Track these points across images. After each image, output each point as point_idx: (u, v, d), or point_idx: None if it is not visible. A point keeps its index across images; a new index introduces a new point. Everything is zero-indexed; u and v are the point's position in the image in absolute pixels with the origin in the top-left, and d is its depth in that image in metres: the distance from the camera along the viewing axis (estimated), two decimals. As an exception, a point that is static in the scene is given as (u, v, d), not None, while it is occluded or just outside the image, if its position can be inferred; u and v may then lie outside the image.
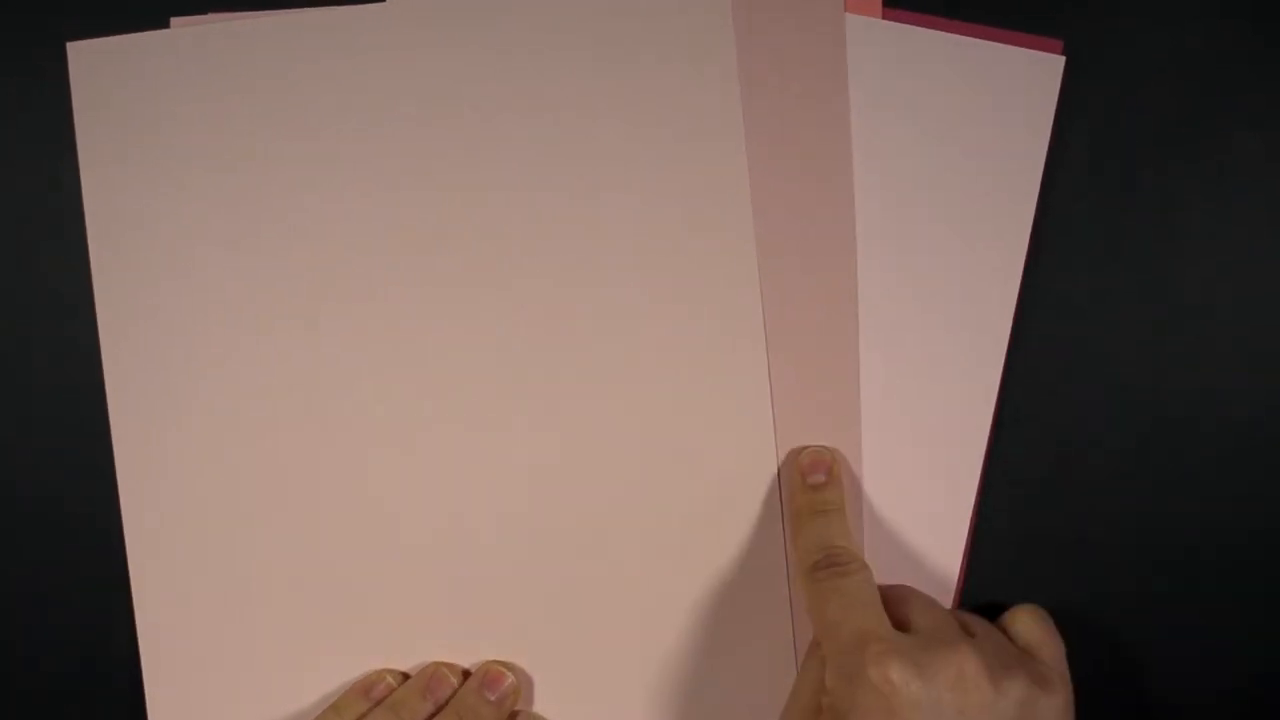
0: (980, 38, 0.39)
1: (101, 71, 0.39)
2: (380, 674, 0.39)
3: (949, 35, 0.39)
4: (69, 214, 0.40)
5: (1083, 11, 0.40)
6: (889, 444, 0.40)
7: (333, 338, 0.40)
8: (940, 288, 0.40)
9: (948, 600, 0.40)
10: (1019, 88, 0.39)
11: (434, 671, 0.39)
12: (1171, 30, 0.40)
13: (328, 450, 0.40)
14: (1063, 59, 0.39)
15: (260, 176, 0.40)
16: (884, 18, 0.40)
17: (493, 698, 0.39)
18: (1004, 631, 0.38)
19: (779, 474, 0.40)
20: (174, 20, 0.40)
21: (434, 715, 0.38)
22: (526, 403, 0.40)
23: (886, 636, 0.34)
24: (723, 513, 0.40)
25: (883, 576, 0.40)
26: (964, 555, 0.40)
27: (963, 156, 0.40)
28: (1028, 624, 0.38)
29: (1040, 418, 0.40)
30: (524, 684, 0.40)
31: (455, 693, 0.39)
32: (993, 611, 0.39)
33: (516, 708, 0.40)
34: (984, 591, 0.40)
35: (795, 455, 0.39)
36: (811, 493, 0.38)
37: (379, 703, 0.39)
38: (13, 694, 0.41)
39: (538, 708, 0.40)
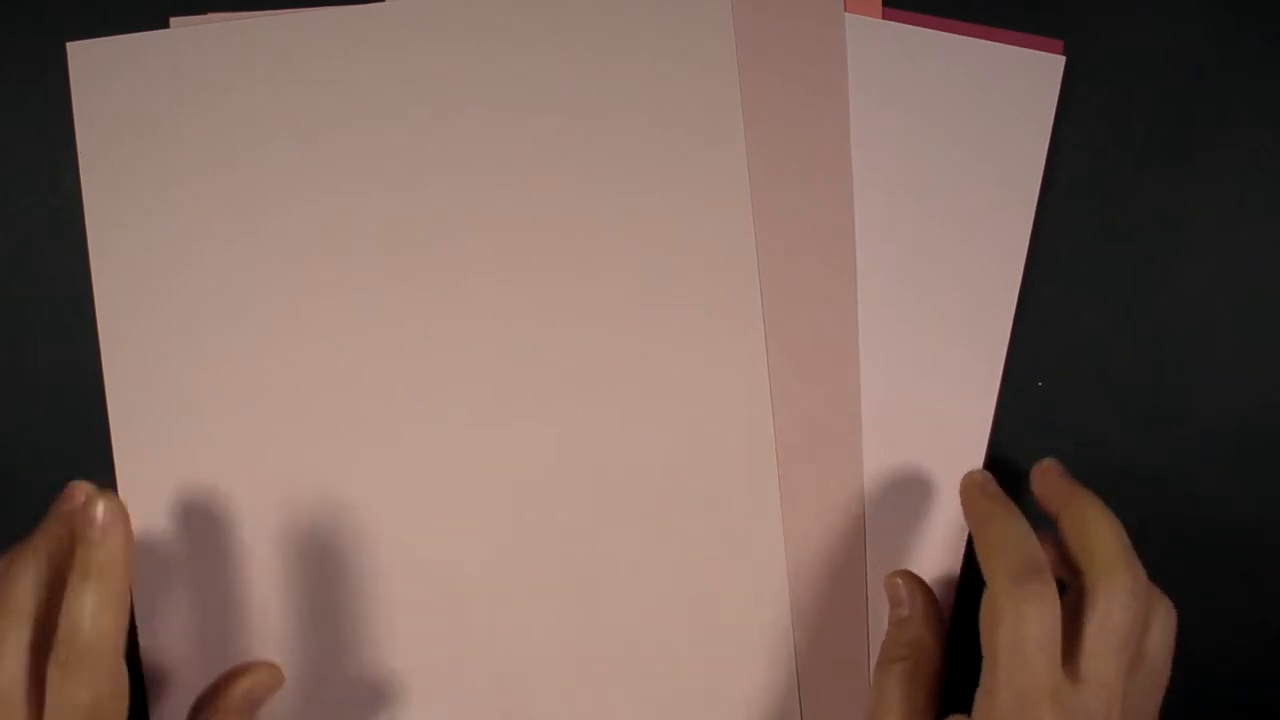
0: (980, 38, 0.39)
1: (101, 71, 0.39)
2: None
3: (949, 35, 0.39)
4: (69, 214, 0.40)
5: (1083, 11, 0.40)
6: (889, 444, 0.40)
7: (334, 337, 0.40)
8: (940, 287, 0.40)
9: (948, 598, 0.40)
10: (1019, 88, 0.39)
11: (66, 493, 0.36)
12: (1171, 30, 0.40)
13: (329, 450, 0.40)
14: (1063, 59, 0.39)
15: (260, 176, 0.40)
16: (884, 18, 0.40)
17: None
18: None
19: (778, 474, 0.40)
20: (174, 20, 0.40)
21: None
22: (526, 402, 0.40)
23: (1053, 693, 0.32)
24: (722, 513, 0.40)
25: (882, 578, 0.40)
26: (964, 555, 0.40)
27: (963, 156, 0.40)
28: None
29: (1040, 418, 0.40)
30: (524, 683, 0.40)
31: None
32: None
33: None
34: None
35: (965, 477, 0.38)
36: (996, 500, 0.36)
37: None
38: (13, 694, 0.41)
39: (538, 710, 0.40)
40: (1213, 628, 0.41)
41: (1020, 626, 0.32)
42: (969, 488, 0.38)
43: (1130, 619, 0.34)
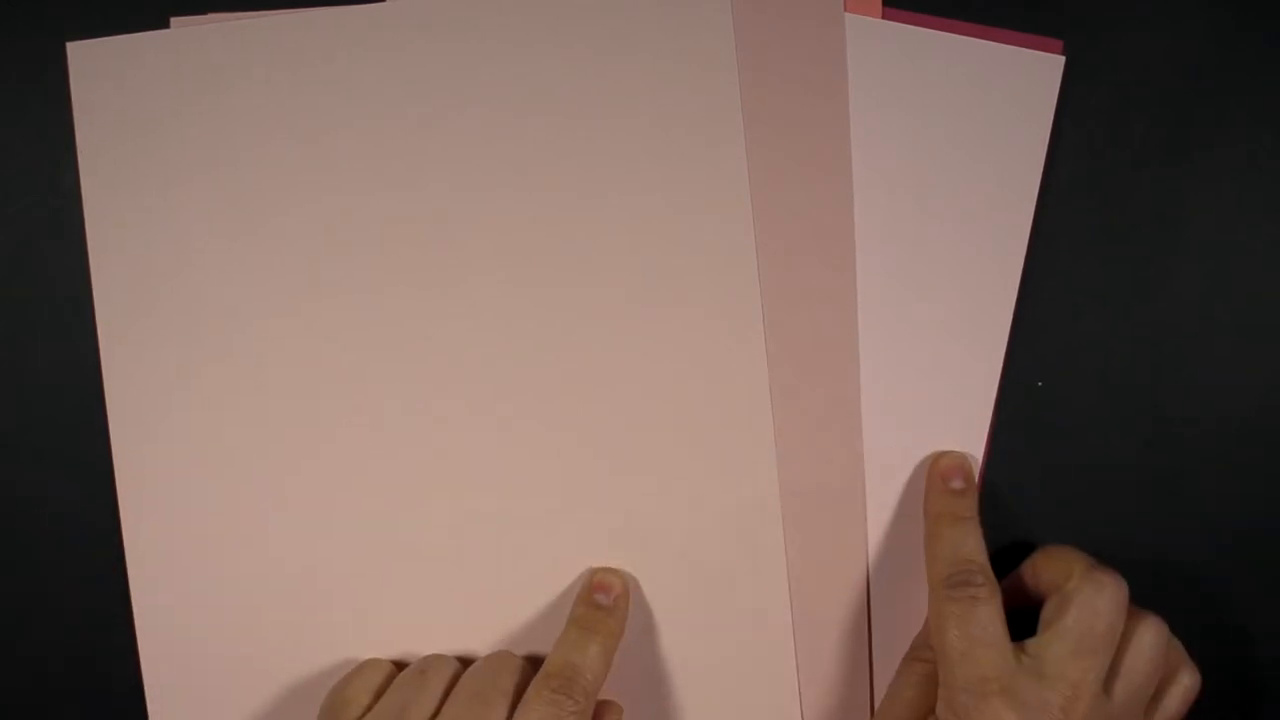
0: (980, 38, 0.39)
1: (101, 71, 0.39)
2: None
3: (949, 35, 0.39)
4: (69, 214, 0.40)
5: (1082, 11, 0.40)
6: (889, 444, 0.40)
7: (333, 337, 0.40)
8: (940, 287, 0.40)
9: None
10: (1019, 88, 0.39)
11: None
12: (1171, 30, 0.40)
13: (327, 449, 0.40)
14: (1063, 59, 0.40)
15: (260, 176, 0.40)
16: (884, 17, 0.40)
17: (606, 601, 0.39)
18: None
19: (778, 474, 0.40)
20: (174, 20, 0.40)
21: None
22: (526, 402, 0.40)
23: (1006, 688, 0.34)
24: (722, 513, 0.40)
25: (884, 577, 0.40)
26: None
27: (963, 156, 0.40)
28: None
29: (1039, 418, 0.40)
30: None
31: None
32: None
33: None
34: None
35: (935, 459, 0.39)
36: (953, 498, 0.38)
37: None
38: (13, 694, 0.41)
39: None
40: (1212, 628, 0.41)
41: (961, 627, 0.35)
42: (933, 476, 0.39)
43: (1105, 625, 0.35)
